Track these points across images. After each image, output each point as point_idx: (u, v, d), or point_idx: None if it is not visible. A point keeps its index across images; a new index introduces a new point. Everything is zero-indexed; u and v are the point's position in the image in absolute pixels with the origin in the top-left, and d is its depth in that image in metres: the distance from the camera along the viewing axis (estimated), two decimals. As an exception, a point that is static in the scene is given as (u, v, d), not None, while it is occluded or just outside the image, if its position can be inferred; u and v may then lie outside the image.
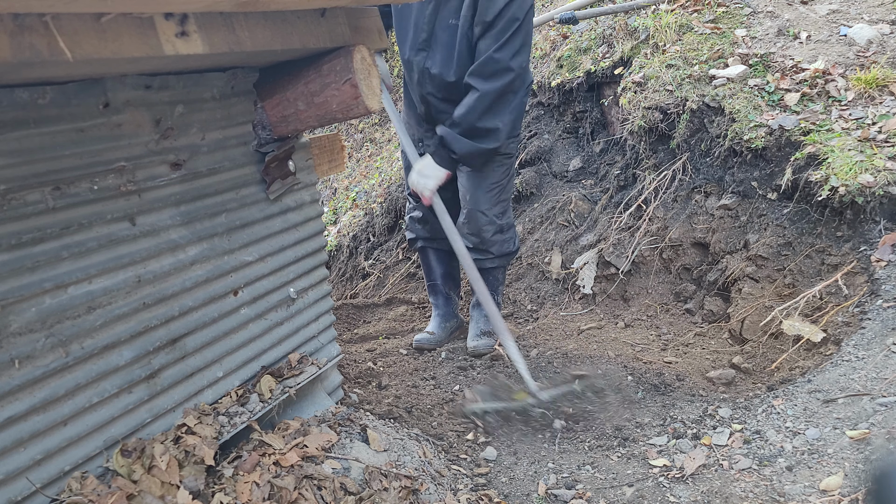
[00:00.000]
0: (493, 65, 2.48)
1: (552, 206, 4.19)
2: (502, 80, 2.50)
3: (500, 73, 2.49)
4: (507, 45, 2.47)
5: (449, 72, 2.64)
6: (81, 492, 1.39)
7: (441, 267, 3.20)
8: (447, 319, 3.23)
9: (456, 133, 2.58)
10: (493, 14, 2.44)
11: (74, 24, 1.09)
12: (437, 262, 3.18)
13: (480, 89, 2.50)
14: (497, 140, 2.61)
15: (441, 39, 2.62)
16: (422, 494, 1.85)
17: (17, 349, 1.32)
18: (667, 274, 3.57)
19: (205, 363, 1.76)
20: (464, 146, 2.59)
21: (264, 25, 1.48)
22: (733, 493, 1.89)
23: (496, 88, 2.50)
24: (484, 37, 2.50)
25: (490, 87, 2.49)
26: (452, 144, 2.60)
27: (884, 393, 2.01)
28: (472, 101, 2.52)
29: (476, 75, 2.51)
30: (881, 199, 2.60)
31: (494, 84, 2.49)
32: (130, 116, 1.54)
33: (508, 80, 2.50)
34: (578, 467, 2.16)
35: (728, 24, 3.73)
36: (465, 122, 2.55)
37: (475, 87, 2.51)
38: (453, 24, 2.57)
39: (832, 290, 2.68)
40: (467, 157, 2.64)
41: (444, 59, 2.63)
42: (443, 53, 2.63)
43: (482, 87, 2.50)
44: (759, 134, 3.03)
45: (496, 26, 2.46)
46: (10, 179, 1.31)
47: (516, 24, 2.46)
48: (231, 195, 1.84)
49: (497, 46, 2.46)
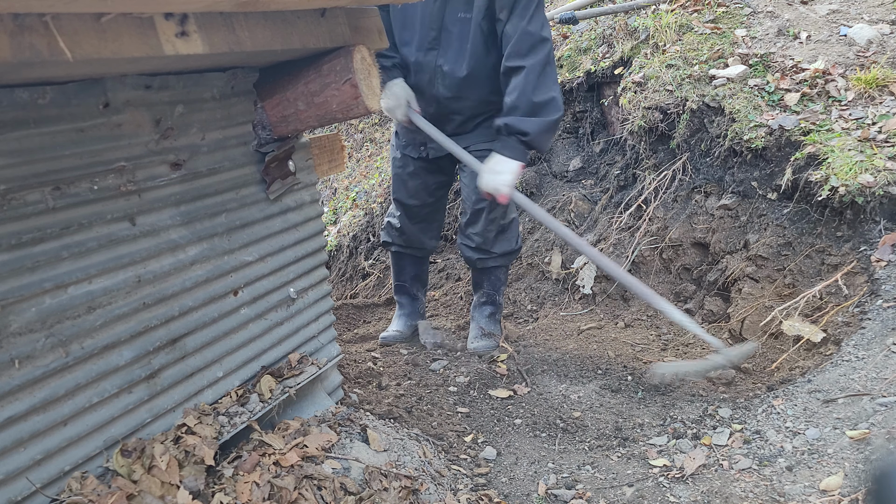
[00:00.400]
0: (528, 39, 2.48)
1: (552, 206, 4.19)
2: (542, 51, 2.50)
3: (538, 45, 2.49)
4: (534, 19, 2.48)
5: (461, 66, 2.61)
6: (81, 492, 1.39)
7: (412, 270, 3.23)
8: (413, 318, 3.28)
9: (519, 116, 2.53)
10: None
11: (74, 24, 1.09)
12: (409, 266, 3.22)
13: (526, 65, 2.48)
14: (558, 109, 2.57)
15: (452, 35, 2.59)
16: (422, 494, 1.85)
17: (17, 349, 1.32)
18: (667, 274, 3.57)
19: (205, 363, 1.76)
20: (532, 124, 2.52)
21: (264, 25, 1.48)
22: (733, 493, 1.89)
23: (540, 61, 2.49)
24: (510, 19, 2.49)
25: (534, 60, 2.49)
26: (520, 126, 2.52)
27: (884, 393, 2.01)
28: (521, 80, 2.49)
29: (516, 55, 2.49)
30: (881, 199, 2.60)
31: (537, 57, 2.49)
32: (130, 116, 1.54)
33: (547, 51, 2.51)
34: (578, 467, 2.16)
35: (728, 24, 3.73)
36: (523, 101, 2.51)
37: (520, 66, 2.49)
38: (463, 17, 2.56)
39: (832, 290, 2.68)
40: (538, 136, 2.56)
41: (455, 54, 2.61)
42: (455, 49, 2.60)
43: (527, 63, 2.48)
44: (759, 134, 3.03)
45: (520, 3, 2.47)
46: (10, 179, 1.31)
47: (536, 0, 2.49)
48: (231, 195, 1.84)
49: (526, 21, 2.47)
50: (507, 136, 2.55)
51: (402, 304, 3.29)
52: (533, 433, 2.38)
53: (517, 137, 2.54)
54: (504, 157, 2.55)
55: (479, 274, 3.12)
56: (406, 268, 3.20)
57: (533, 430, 2.40)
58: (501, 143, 2.57)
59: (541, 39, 2.49)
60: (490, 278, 3.06)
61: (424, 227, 3.08)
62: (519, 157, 2.56)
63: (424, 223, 3.06)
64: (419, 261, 3.22)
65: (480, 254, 2.95)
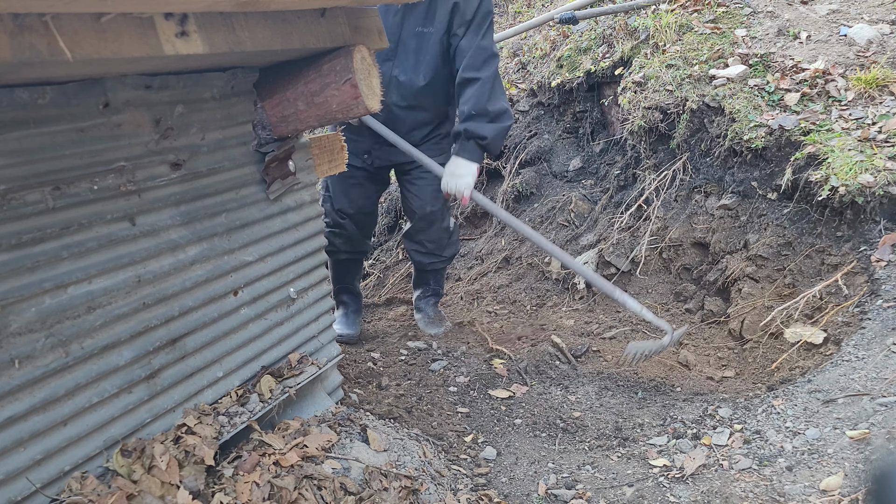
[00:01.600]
0: (482, 53, 2.70)
1: (552, 206, 4.19)
2: (493, 65, 2.74)
3: (490, 59, 2.73)
4: (486, 35, 2.73)
5: (419, 77, 2.79)
6: (81, 492, 1.39)
7: (356, 271, 3.43)
8: (358, 314, 3.47)
9: (477, 122, 2.72)
10: (472, 11, 2.69)
11: (74, 24, 1.09)
12: (353, 268, 3.38)
13: (481, 77, 2.70)
14: (510, 117, 2.81)
15: (409, 47, 2.77)
16: (422, 494, 1.85)
17: (17, 349, 1.32)
18: (667, 274, 3.57)
19: (205, 363, 1.76)
20: (490, 130, 2.73)
21: (264, 25, 1.48)
22: (733, 493, 1.89)
23: (492, 74, 2.73)
24: (466, 34, 2.71)
25: (487, 73, 2.71)
26: (479, 131, 2.72)
27: (884, 393, 2.01)
28: (476, 90, 2.70)
29: (471, 68, 2.70)
30: (881, 199, 2.60)
31: (490, 70, 2.72)
32: (130, 116, 1.54)
33: (496, 65, 2.76)
34: (578, 467, 2.16)
35: (728, 24, 3.72)
36: (479, 109, 2.71)
37: (475, 78, 2.70)
38: (420, 31, 2.75)
39: (832, 290, 2.68)
40: (494, 140, 2.77)
41: (413, 65, 2.79)
42: (412, 61, 2.79)
43: (482, 75, 2.70)
44: (759, 134, 3.03)
45: (475, 21, 2.70)
46: (10, 179, 1.30)
47: (490, 16, 2.75)
48: (231, 195, 1.84)
49: (481, 36, 2.71)
50: (466, 140, 2.75)
51: (347, 302, 3.43)
52: (533, 433, 2.38)
53: (476, 141, 2.74)
54: (464, 159, 2.75)
55: (426, 274, 3.43)
56: (351, 271, 3.38)
57: (533, 430, 2.40)
58: (461, 147, 2.76)
59: (492, 54, 2.74)
60: (436, 276, 3.45)
61: (367, 231, 3.29)
62: (477, 159, 2.77)
63: (366, 228, 3.27)
64: (360, 262, 3.46)
65: (432, 258, 3.26)
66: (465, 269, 4.42)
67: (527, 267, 4.04)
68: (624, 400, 2.57)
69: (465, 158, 2.74)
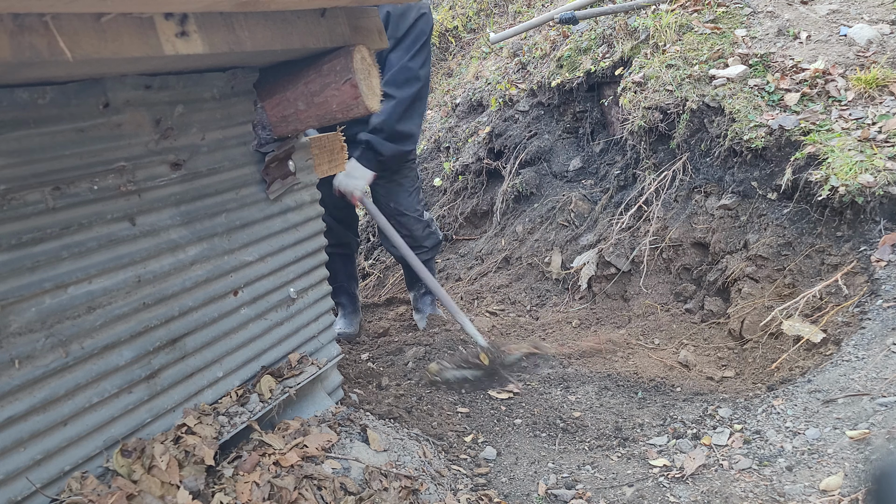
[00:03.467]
0: (405, 73, 2.76)
1: (552, 206, 4.19)
2: (414, 87, 2.78)
3: (412, 80, 2.78)
4: (417, 56, 2.77)
5: None
6: (81, 492, 1.39)
7: (346, 268, 3.44)
8: (356, 315, 3.49)
9: (380, 138, 2.83)
10: (405, 29, 2.72)
11: (74, 24, 1.09)
12: (341, 265, 3.39)
13: (396, 96, 2.76)
14: (414, 142, 2.95)
15: None
16: (422, 494, 1.85)
17: (17, 349, 1.32)
18: (667, 274, 3.57)
19: (205, 363, 1.76)
20: (389, 149, 2.85)
21: (264, 25, 1.48)
22: (733, 493, 1.89)
23: (410, 95, 2.78)
24: (395, 49, 2.75)
25: (405, 94, 2.77)
26: (379, 147, 2.84)
27: (884, 393, 2.01)
28: (390, 108, 2.76)
29: (391, 84, 2.75)
30: (881, 199, 2.60)
31: (408, 91, 2.77)
32: (130, 116, 1.54)
33: (418, 88, 2.80)
34: (578, 467, 2.16)
35: (728, 24, 3.72)
36: (387, 126, 2.80)
37: (391, 95, 2.75)
38: None
39: (832, 290, 2.68)
40: (391, 159, 2.92)
41: None
42: None
43: (398, 95, 2.76)
44: (759, 134, 3.03)
45: (407, 39, 2.74)
46: (10, 179, 1.31)
47: (424, 37, 2.78)
48: (231, 195, 1.84)
49: (409, 57, 2.75)
50: (367, 150, 2.87)
51: (344, 303, 3.44)
52: (533, 433, 2.38)
53: (374, 154, 2.87)
54: (361, 165, 2.88)
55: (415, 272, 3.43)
56: (340, 268, 3.38)
57: (533, 430, 2.40)
58: (361, 154, 2.89)
59: (415, 77, 2.78)
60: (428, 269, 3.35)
61: (348, 223, 3.33)
62: (373, 168, 2.91)
63: (346, 221, 3.31)
64: (349, 258, 3.48)
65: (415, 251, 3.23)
66: (465, 269, 4.42)
67: (527, 267, 4.04)
68: (624, 400, 2.57)
69: (362, 164, 2.87)
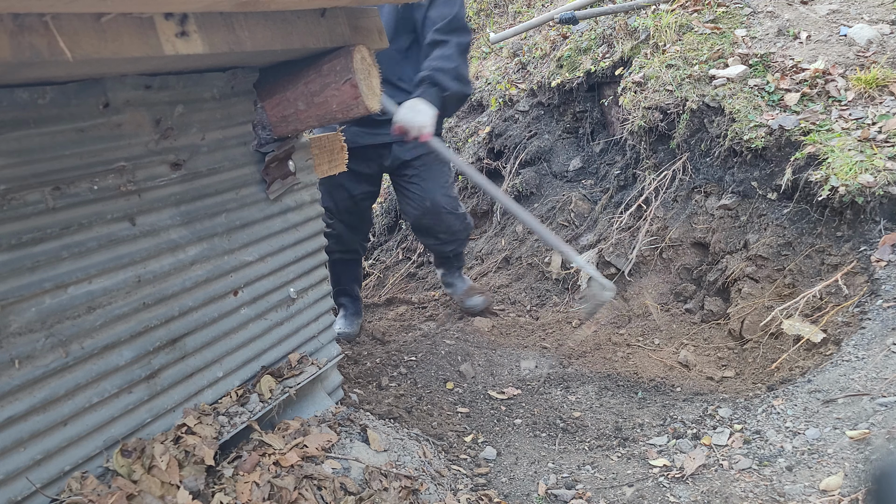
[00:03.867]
0: (457, 22, 2.73)
1: (552, 206, 4.19)
2: (466, 36, 2.76)
3: (462, 29, 2.75)
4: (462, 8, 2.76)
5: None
6: (81, 492, 1.39)
7: (352, 273, 3.42)
8: (357, 316, 3.48)
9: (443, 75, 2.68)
10: None
11: (74, 24, 1.09)
12: (347, 269, 3.38)
13: (452, 41, 2.71)
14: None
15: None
16: (422, 494, 1.85)
17: (17, 349, 1.32)
18: (667, 274, 3.57)
19: (205, 363, 1.76)
20: (454, 85, 2.69)
21: (264, 25, 1.48)
22: (733, 493, 1.89)
23: (466, 42, 2.75)
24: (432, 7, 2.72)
25: (461, 39, 2.73)
26: (444, 82, 2.65)
27: (884, 393, 2.01)
28: (449, 51, 2.70)
29: (443, 31, 2.71)
30: (881, 199, 2.60)
31: (464, 38, 2.74)
32: (130, 116, 1.54)
33: (469, 38, 2.78)
34: (578, 467, 2.16)
35: (728, 24, 3.72)
36: (449, 66, 2.68)
37: (447, 41, 2.70)
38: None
39: (832, 290, 2.68)
40: (452, 99, 2.73)
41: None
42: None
43: (454, 40, 2.71)
44: (759, 134, 3.03)
45: None
46: (10, 179, 1.30)
47: None
48: (231, 195, 1.84)
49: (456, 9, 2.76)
50: (430, 85, 2.65)
51: (346, 304, 3.43)
52: (533, 433, 2.38)
53: (439, 89, 2.65)
54: (424, 101, 2.58)
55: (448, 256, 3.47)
56: (346, 272, 3.37)
57: (533, 430, 2.40)
58: (423, 90, 2.64)
59: (466, 28, 2.76)
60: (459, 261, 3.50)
61: (358, 231, 3.27)
62: (437, 104, 2.63)
63: (356, 229, 3.25)
64: (356, 263, 3.45)
65: (452, 245, 3.31)
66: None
67: (527, 267, 4.04)
68: (624, 400, 2.57)
69: (426, 101, 2.58)
